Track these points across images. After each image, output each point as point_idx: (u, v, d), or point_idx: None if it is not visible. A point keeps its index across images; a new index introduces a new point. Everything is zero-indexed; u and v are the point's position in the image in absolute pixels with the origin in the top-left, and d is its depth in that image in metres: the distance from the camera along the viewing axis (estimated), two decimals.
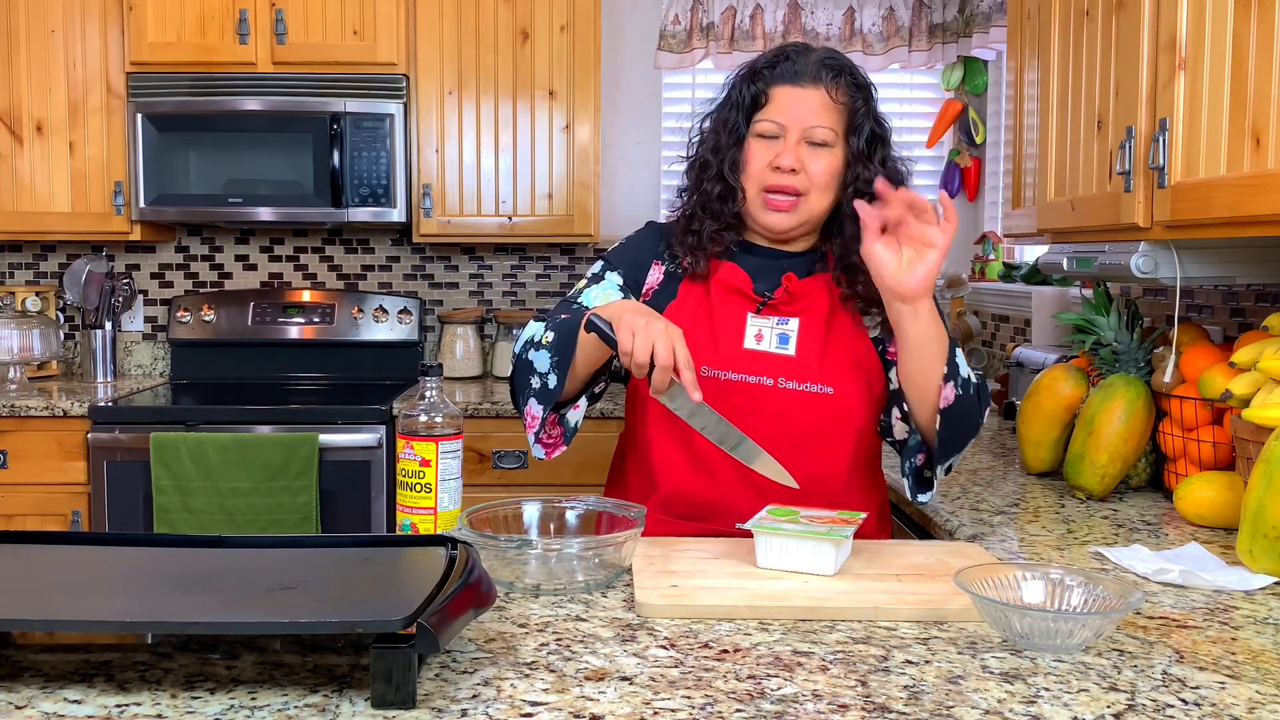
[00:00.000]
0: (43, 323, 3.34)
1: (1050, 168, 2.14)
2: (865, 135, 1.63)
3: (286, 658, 1.07)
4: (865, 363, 1.64)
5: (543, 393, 1.56)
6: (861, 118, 1.63)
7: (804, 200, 1.62)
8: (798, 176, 1.61)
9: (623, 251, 1.76)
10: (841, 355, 1.63)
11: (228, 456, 2.91)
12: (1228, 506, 1.67)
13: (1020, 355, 2.71)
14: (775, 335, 1.63)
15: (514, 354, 1.64)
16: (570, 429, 1.63)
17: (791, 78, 1.62)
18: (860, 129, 1.63)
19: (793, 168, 1.60)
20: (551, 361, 1.55)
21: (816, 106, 1.61)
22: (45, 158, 3.35)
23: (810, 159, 1.61)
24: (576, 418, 1.63)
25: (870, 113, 1.65)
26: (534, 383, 1.57)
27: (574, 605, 1.26)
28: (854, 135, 1.63)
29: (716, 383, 1.61)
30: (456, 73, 3.38)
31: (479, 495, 1.70)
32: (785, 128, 1.61)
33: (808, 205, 1.63)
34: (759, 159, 1.62)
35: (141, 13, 3.27)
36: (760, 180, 1.63)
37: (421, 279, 3.80)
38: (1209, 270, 1.82)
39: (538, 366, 1.56)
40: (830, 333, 1.64)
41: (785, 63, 1.63)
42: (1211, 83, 1.55)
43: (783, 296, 1.64)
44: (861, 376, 1.63)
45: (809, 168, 1.61)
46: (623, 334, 1.42)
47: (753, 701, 0.99)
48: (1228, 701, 1.01)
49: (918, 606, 1.24)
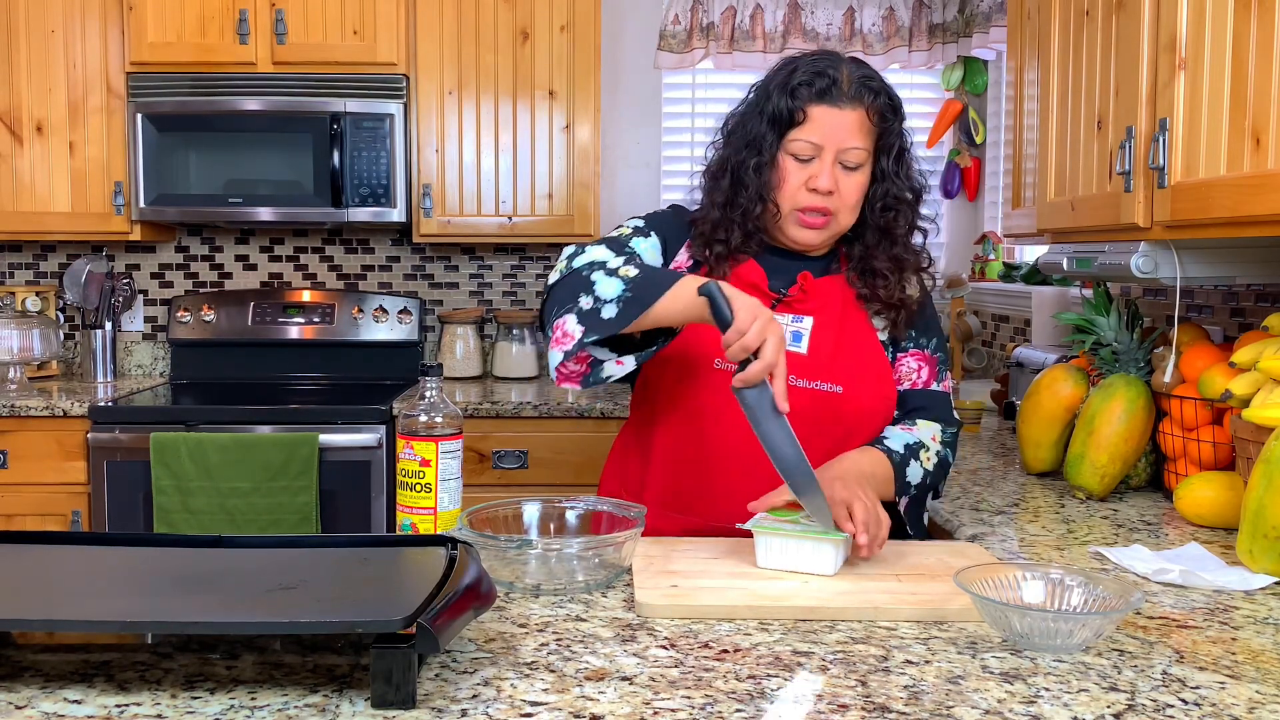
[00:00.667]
0: (43, 323, 3.34)
1: (1050, 168, 2.14)
2: (894, 154, 1.64)
3: (286, 658, 1.07)
4: (875, 363, 1.66)
5: (592, 318, 1.46)
6: (894, 138, 1.64)
7: (834, 219, 1.63)
8: (831, 198, 1.61)
9: (662, 223, 1.73)
10: (852, 355, 1.65)
11: (228, 456, 2.91)
12: (1228, 506, 1.67)
13: (1020, 355, 2.71)
14: (789, 333, 1.64)
15: (564, 263, 1.57)
16: (600, 378, 1.53)
17: (830, 98, 1.59)
18: (891, 149, 1.64)
19: (830, 190, 1.60)
20: (622, 295, 1.45)
21: (853, 128, 1.59)
22: (45, 158, 3.35)
23: (843, 179, 1.61)
24: (616, 372, 1.52)
25: (900, 131, 1.65)
26: (584, 302, 1.47)
27: (574, 605, 1.26)
28: (884, 155, 1.63)
29: (728, 376, 1.61)
30: (456, 73, 3.38)
31: (479, 495, 1.70)
32: (821, 148, 1.60)
33: (837, 223, 1.64)
34: (794, 178, 1.61)
35: (141, 13, 3.27)
36: (795, 200, 1.62)
37: (421, 279, 3.80)
38: (1209, 270, 1.82)
39: (599, 289, 1.47)
40: (843, 332, 1.65)
41: (821, 79, 1.60)
42: (1211, 83, 1.55)
43: (798, 294, 1.65)
44: (872, 376, 1.65)
45: (842, 189, 1.61)
46: (744, 314, 1.37)
47: (753, 701, 0.99)
48: (1228, 701, 1.01)
49: (918, 606, 1.25)
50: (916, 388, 1.71)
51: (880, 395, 1.66)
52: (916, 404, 1.70)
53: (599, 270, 1.50)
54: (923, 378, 1.71)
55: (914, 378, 1.71)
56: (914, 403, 1.70)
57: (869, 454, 1.59)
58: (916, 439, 1.64)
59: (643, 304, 1.44)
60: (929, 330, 1.73)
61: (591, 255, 1.57)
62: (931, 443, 1.66)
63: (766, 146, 1.62)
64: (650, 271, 1.50)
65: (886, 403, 1.67)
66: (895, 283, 1.66)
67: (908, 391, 1.70)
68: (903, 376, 1.71)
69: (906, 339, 1.71)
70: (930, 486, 1.66)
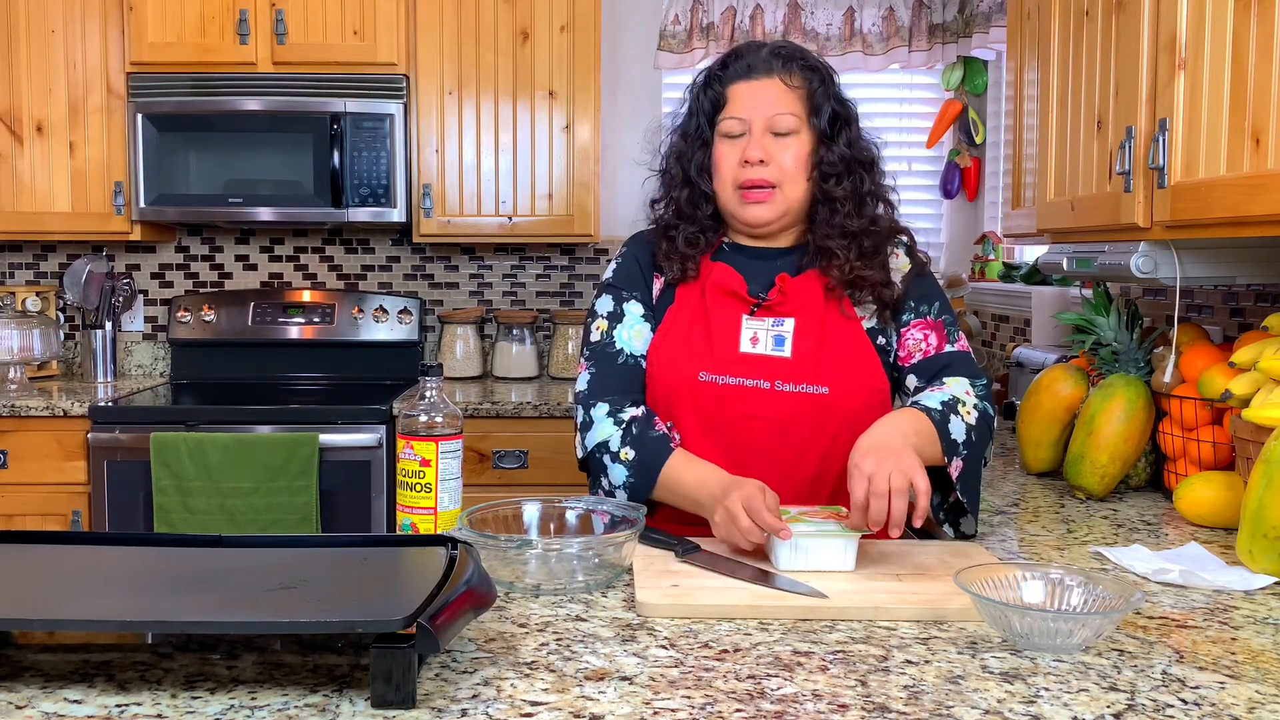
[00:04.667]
0: (43, 323, 3.34)
1: (1050, 168, 2.14)
2: (827, 116, 1.65)
3: (286, 658, 1.07)
4: (861, 358, 1.64)
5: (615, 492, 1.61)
6: (820, 99, 1.65)
7: (779, 191, 1.64)
8: (768, 168, 1.62)
9: (625, 274, 1.74)
10: (836, 353, 1.63)
11: (228, 456, 2.91)
12: (1228, 506, 1.67)
13: (1020, 355, 2.71)
14: (771, 338, 1.63)
15: (581, 446, 1.66)
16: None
17: (745, 73, 1.65)
18: (820, 110, 1.65)
19: (760, 159, 1.62)
20: (626, 483, 1.59)
21: (774, 96, 1.63)
22: (45, 158, 3.35)
23: (777, 150, 1.63)
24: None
25: (829, 93, 1.66)
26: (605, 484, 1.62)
27: (574, 605, 1.26)
28: (815, 117, 1.65)
29: (714, 388, 1.61)
30: (456, 73, 3.38)
31: (479, 495, 1.70)
32: (748, 122, 1.64)
33: (784, 195, 1.64)
34: (728, 159, 1.65)
35: (141, 13, 3.26)
36: (734, 179, 1.65)
37: (421, 279, 3.80)
38: (1209, 270, 1.82)
39: (613, 477, 1.60)
40: (825, 331, 1.64)
41: (737, 61, 1.67)
42: (1211, 83, 1.55)
43: (776, 297, 1.64)
44: (856, 372, 1.63)
45: (777, 158, 1.63)
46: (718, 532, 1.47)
47: (753, 701, 0.99)
48: (1227, 701, 1.01)
49: (918, 606, 1.25)
50: (929, 355, 1.65)
51: (868, 390, 1.63)
52: (936, 368, 1.64)
53: (607, 455, 1.60)
54: (932, 344, 1.66)
55: (923, 347, 1.66)
56: (933, 368, 1.65)
57: (907, 413, 1.52)
58: (950, 395, 1.58)
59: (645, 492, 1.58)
60: (928, 296, 1.68)
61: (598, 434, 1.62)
62: (966, 396, 1.59)
63: (699, 134, 1.68)
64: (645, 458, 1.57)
65: (876, 397, 1.64)
66: (848, 259, 1.63)
67: (922, 361, 1.65)
68: (911, 350, 1.66)
69: (906, 309, 1.67)
70: (978, 445, 1.57)
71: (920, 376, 1.65)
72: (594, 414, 1.63)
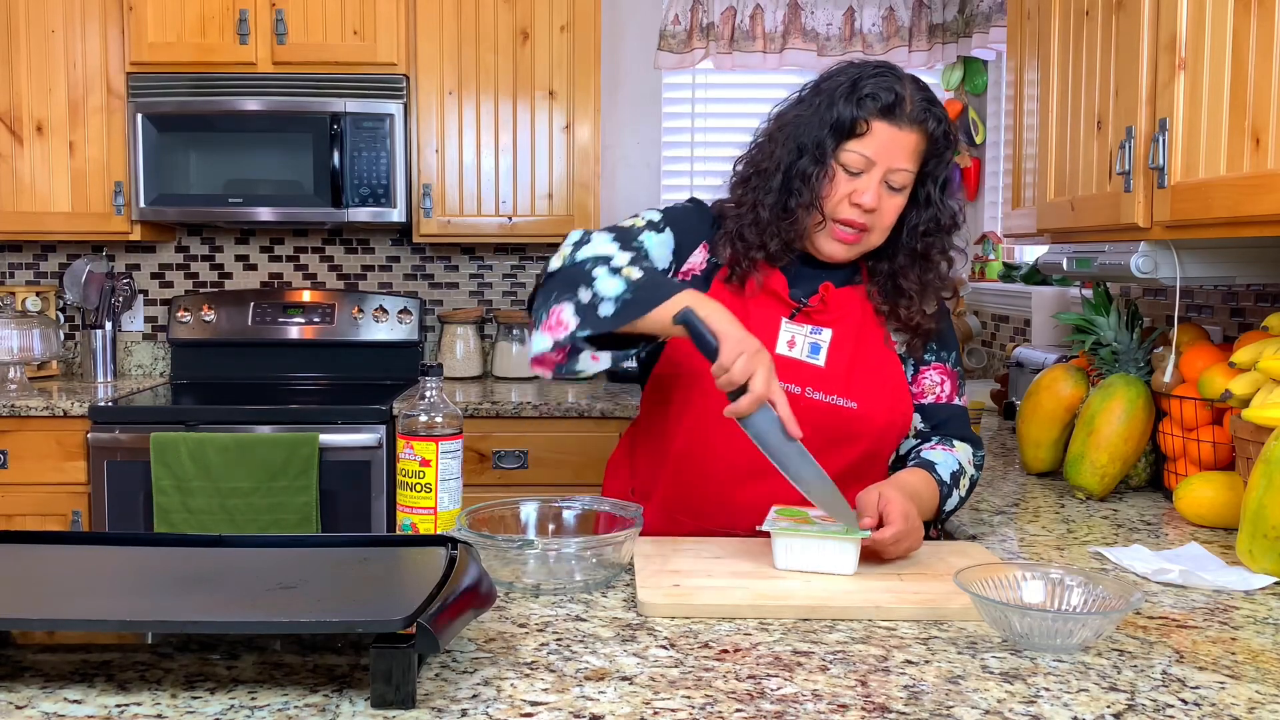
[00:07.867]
0: (43, 323, 3.34)
1: (1050, 168, 2.14)
2: (941, 183, 1.62)
3: (286, 658, 1.07)
4: (891, 379, 1.65)
5: (588, 312, 1.43)
6: (943, 168, 1.61)
7: (867, 236, 1.59)
8: (870, 215, 1.57)
9: (680, 219, 1.68)
10: (868, 370, 1.63)
11: (228, 456, 2.91)
12: (1228, 506, 1.67)
13: (1020, 355, 2.71)
14: (808, 344, 1.62)
15: (568, 250, 1.53)
16: (574, 369, 1.49)
17: (894, 117, 1.55)
18: (938, 178, 1.61)
19: (872, 208, 1.56)
20: (622, 296, 1.43)
21: (907, 150, 1.56)
22: (45, 158, 3.35)
23: (885, 199, 1.57)
24: (590, 367, 1.48)
25: (946, 160, 1.61)
26: (582, 295, 1.44)
27: (574, 605, 1.26)
28: (931, 182, 1.61)
29: None
30: (456, 73, 3.38)
31: (479, 495, 1.70)
32: (873, 164, 1.56)
33: (868, 240, 1.60)
34: (839, 189, 1.57)
35: (141, 13, 3.27)
36: (834, 211, 1.58)
37: (421, 279, 3.80)
38: (1209, 270, 1.82)
39: (599, 286, 1.44)
40: (860, 346, 1.63)
41: (888, 94, 1.55)
42: (1211, 83, 1.55)
43: (818, 305, 1.63)
44: (887, 392, 1.64)
45: (882, 206, 1.58)
46: (728, 351, 1.35)
47: (753, 701, 0.99)
48: (1227, 701, 1.01)
49: (918, 606, 1.25)
50: (940, 401, 1.71)
51: (896, 411, 1.64)
52: (941, 418, 1.70)
53: (602, 266, 1.48)
54: (945, 392, 1.71)
55: (937, 391, 1.71)
56: (939, 416, 1.70)
57: (919, 474, 1.60)
58: (958, 464, 1.65)
59: (642, 308, 1.41)
60: (947, 344, 1.73)
61: (596, 248, 1.52)
62: (968, 467, 1.67)
63: (825, 154, 1.56)
64: (654, 277, 1.47)
65: (902, 418, 1.66)
66: (918, 306, 1.64)
67: (932, 405, 1.70)
68: (926, 390, 1.70)
69: (928, 351, 1.71)
70: (956, 510, 1.69)
71: (926, 419, 1.70)
72: (594, 236, 1.55)
